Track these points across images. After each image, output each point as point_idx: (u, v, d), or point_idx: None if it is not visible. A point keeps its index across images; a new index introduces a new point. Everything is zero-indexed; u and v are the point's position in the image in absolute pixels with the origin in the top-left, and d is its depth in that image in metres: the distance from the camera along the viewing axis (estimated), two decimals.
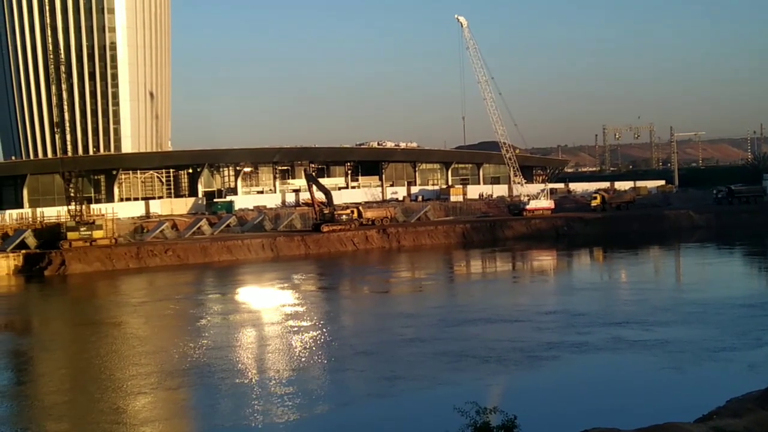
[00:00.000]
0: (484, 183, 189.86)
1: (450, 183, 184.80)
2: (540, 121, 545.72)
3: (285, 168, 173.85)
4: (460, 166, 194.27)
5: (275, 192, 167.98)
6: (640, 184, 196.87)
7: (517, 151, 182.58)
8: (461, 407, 26.77)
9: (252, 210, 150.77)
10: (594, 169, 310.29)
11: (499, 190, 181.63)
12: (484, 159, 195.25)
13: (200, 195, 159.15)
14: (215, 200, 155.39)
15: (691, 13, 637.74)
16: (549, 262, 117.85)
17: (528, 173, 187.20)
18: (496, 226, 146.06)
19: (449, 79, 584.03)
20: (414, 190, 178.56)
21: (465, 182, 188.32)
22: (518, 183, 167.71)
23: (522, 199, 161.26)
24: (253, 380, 50.09)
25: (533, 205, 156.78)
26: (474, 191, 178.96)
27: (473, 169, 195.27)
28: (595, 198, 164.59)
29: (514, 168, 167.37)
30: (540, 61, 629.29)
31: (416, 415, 43.15)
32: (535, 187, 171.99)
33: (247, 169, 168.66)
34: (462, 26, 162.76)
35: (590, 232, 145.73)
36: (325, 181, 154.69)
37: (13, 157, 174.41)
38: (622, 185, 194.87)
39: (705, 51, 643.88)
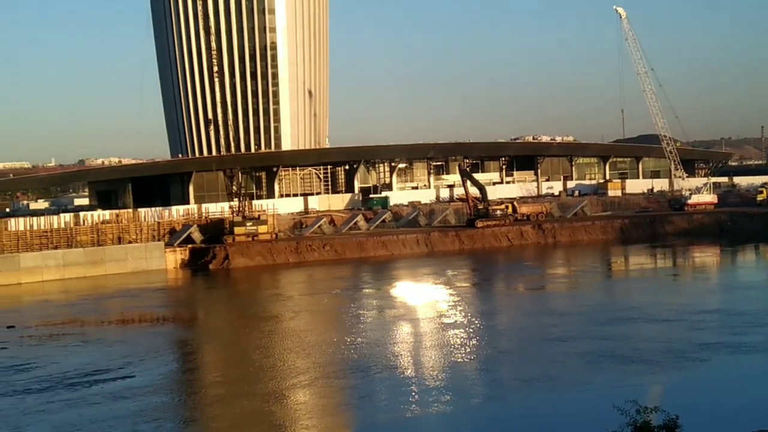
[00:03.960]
0: (644, 177, 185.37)
1: (608, 177, 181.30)
2: (702, 113, 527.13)
3: (439, 163, 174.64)
4: (619, 159, 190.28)
5: (429, 187, 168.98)
6: None
7: (678, 144, 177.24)
8: (621, 406, 26.35)
9: (407, 205, 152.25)
10: (760, 162, 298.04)
11: (660, 185, 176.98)
12: (643, 152, 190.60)
13: (356, 191, 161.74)
14: (371, 196, 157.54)
15: None
16: (710, 258, 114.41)
17: (689, 167, 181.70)
18: (656, 221, 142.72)
19: (607, 72, 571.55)
20: (570, 184, 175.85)
21: (623, 176, 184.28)
22: (679, 177, 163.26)
23: (683, 193, 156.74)
24: (406, 374, 51.02)
25: (695, 199, 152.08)
26: (633, 186, 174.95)
27: (632, 163, 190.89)
28: (761, 192, 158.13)
29: (674, 161, 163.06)
30: (702, 50, 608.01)
31: (569, 413, 43.07)
32: (697, 181, 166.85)
33: (402, 165, 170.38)
34: (621, 17, 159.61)
35: (756, 227, 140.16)
36: (479, 177, 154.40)
37: (180, 155, 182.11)
38: None
39: None
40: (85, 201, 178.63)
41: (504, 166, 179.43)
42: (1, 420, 45.21)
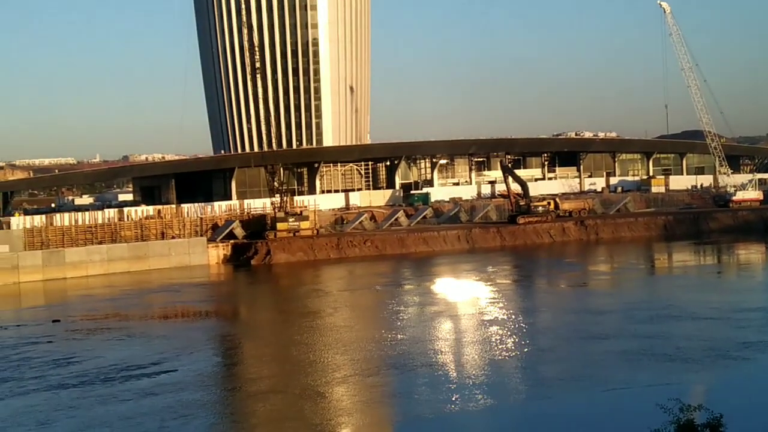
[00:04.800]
0: (688, 173, 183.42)
1: (651, 173, 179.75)
2: (747, 109, 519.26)
3: (481, 159, 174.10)
4: (662, 156, 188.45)
5: (471, 183, 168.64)
6: None
7: (723, 140, 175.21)
8: (664, 404, 25.97)
9: (448, 202, 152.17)
10: None
11: (704, 181, 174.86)
12: (687, 148, 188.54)
13: (397, 187, 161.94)
14: (412, 192, 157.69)
15: None
16: (755, 256, 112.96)
17: (734, 163, 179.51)
18: (700, 218, 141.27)
19: (651, 67, 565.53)
20: (613, 180, 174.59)
21: (667, 173, 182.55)
22: (724, 173, 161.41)
23: (728, 189, 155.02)
24: (445, 371, 50.94)
25: (740, 196, 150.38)
26: (676, 182, 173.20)
27: (676, 159, 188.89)
28: None
29: (719, 158, 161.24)
30: (748, 44, 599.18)
31: (610, 411, 42.86)
32: (742, 178, 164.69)
33: (443, 161, 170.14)
34: (664, 12, 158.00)
35: None
36: (521, 173, 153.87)
37: (223, 151, 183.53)
38: None
39: None
40: (129, 196, 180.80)
41: (546, 162, 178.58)
42: (31, 416, 45.47)
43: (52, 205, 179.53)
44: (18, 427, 43.91)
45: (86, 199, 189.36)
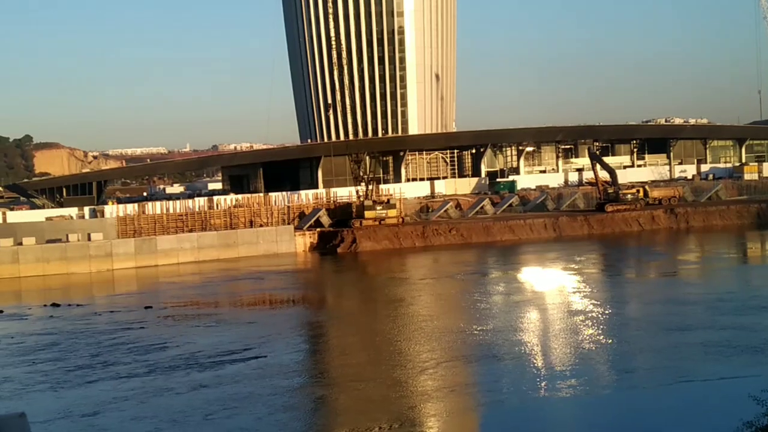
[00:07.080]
0: None
1: (744, 160, 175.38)
2: None
3: (568, 147, 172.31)
4: (755, 142, 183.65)
5: (558, 171, 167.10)
6: None
7: None
8: (756, 395, 25.65)
9: (534, 190, 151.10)
10: None
11: None
12: None
13: (483, 175, 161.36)
14: (498, 180, 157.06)
15: None
16: None
17: None
18: None
19: (744, 52, 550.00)
20: (704, 168, 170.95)
21: (760, 159, 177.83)
22: None
23: None
24: (529, 361, 50.70)
25: None
26: None
27: None
28: None
29: None
30: None
31: (696, 403, 42.28)
32: None
33: (530, 149, 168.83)
34: None
35: None
36: (609, 160, 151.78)
37: (309, 140, 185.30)
38: None
39: None
40: (219, 185, 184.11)
41: (635, 150, 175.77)
42: (81, 407, 44.93)
43: (144, 193, 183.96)
44: (63, 418, 43.34)
45: (177, 188, 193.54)
